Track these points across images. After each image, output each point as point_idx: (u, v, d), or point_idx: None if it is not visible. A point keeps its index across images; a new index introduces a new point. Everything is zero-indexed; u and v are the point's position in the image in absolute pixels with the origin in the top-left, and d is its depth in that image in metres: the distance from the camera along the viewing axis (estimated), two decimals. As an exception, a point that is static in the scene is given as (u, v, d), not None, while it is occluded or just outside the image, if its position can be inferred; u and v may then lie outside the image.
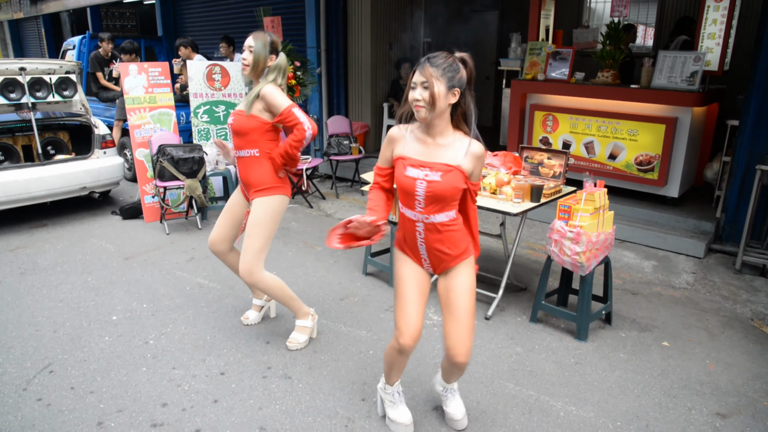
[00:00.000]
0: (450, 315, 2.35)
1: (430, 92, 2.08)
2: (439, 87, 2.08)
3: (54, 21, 15.59)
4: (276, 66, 3.09)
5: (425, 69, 2.09)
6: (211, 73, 5.98)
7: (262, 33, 3.08)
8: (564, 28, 7.09)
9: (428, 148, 2.22)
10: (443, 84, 2.08)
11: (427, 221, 2.26)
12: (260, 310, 3.69)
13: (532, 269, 4.58)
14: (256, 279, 3.14)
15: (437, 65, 2.09)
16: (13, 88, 5.67)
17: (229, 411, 2.78)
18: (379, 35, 7.83)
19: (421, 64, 2.12)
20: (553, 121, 5.92)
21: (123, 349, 3.35)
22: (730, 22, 5.22)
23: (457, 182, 2.17)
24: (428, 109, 2.11)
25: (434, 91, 2.08)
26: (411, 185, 2.20)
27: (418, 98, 2.10)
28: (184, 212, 5.83)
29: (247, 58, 3.05)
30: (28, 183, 5.37)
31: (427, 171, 2.18)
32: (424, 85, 2.10)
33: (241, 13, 9.30)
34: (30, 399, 2.87)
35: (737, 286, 4.32)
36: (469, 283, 2.35)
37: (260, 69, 3.07)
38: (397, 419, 2.62)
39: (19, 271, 4.51)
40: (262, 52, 3.03)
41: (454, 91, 2.12)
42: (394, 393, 2.64)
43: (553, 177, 4.05)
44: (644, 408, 2.84)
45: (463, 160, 2.18)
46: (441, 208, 2.23)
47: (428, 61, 2.10)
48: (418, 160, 2.21)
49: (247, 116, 3.04)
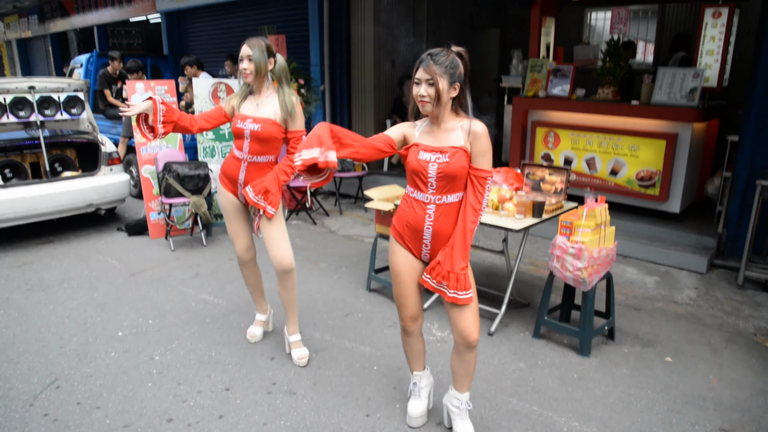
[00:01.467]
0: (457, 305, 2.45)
1: (435, 89, 2.25)
2: (442, 83, 2.25)
3: (61, 40, 15.81)
4: (281, 70, 3.16)
5: (429, 67, 2.25)
6: (217, 90, 6.06)
7: (255, 39, 3.13)
8: (564, 45, 7.19)
9: (436, 135, 2.39)
10: (446, 80, 2.26)
11: (439, 202, 2.38)
12: (263, 326, 3.72)
13: (535, 285, 4.60)
14: (293, 264, 3.24)
15: (440, 63, 2.24)
16: (23, 107, 5.75)
17: (234, 426, 2.80)
18: (382, 53, 7.93)
19: (425, 61, 2.27)
20: (554, 138, 5.98)
21: (129, 365, 3.37)
22: (729, 39, 5.30)
23: (463, 162, 2.32)
24: (433, 104, 2.29)
25: (439, 87, 2.25)
26: (424, 167, 2.36)
27: (423, 94, 2.28)
28: (189, 229, 5.88)
29: (248, 67, 3.11)
30: (36, 200, 5.43)
31: (438, 154, 2.34)
32: (428, 82, 2.26)
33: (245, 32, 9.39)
34: (37, 414, 2.90)
35: (740, 302, 4.33)
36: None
37: (263, 74, 3.14)
38: (408, 410, 2.80)
39: (26, 287, 4.55)
40: (261, 59, 3.09)
41: (455, 85, 2.30)
42: (412, 383, 2.81)
43: (555, 193, 4.09)
44: (647, 424, 2.85)
45: (465, 140, 2.33)
46: (451, 189, 2.36)
47: (431, 59, 2.26)
48: (429, 145, 2.38)
49: (278, 125, 3.13)
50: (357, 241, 5.81)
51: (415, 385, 2.81)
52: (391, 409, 2.94)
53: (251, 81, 3.15)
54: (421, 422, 2.79)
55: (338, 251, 5.46)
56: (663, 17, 8.93)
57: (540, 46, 6.57)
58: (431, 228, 2.41)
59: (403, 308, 2.62)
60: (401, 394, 3.07)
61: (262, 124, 3.12)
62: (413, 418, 2.78)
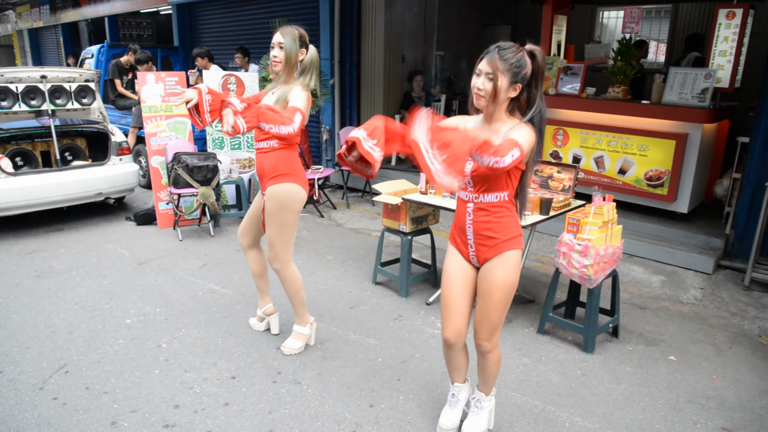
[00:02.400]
0: (480, 302, 2.41)
1: (493, 84, 2.12)
2: (502, 81, 2.11)
3: (72, 30, 15.89)
4: (310, 62, 3.06)
5: (493, 60, 2.10)
6: (227, 83, 6.09)
7: (290, 27, 3.03)
8: (576, 44, 7.17)
9: (483, 134, 2.17)
10: (507, 78, 2.11)
11: (477, 201, 2.30)
12: (262, 321, 3.70)
13: (540, 282, 4.61)
14: (280, 266, 3.20)
15: (506, 59, 2.10)
16: (34, 96, 5.80)
17: (240, 414, 2.84)
18: (392, 48, 7.93)
19: (491, 53, 2.12)
20: (563, 136, 5.97)
21: (136, 352, 3.41)
22: (742, 40, 5.26)
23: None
24: (488, 100, 2.16)
25: (497, 84, 2.11)
26: None
27: (480, 87, 2.14)
28: (197, 219, 5.92)
29: (279, 56, 3.01)
30: (46, 188, 5.48)
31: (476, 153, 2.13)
32: (488, 76, 2.12)
33: (256, 24, 9.44)
34: (46, 398, 2.94)
35: (745, 303, 4.32)
36: (503, 276, 2.32)
37: (293, 64, 3.04)
38: (440, 419, 2.70)
39: (36, 274, 4.60)
40: (293, 48, 3.00)
41: (516, 86, 2.15)
42: (450, 393, 2.71)
43: (563, 190, 4.09)
44: (649, 421, 2.86)
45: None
46: (489, 188, 2.26)
47: (497, 53, 2.11)
48: None
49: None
50: (364, 234, 5.84)
51: (453, 396, 2.69)
52: (395, 401, 2.96)
53: (280, 70, 3.06)
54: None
55: (345, 244, 5.49)
56: (676, 17, 8.89)
57: (551, 44, 6.55)
58: (472, 227, 2.33)
59: (446, 314, 2.45)
60: (405, 386, 3.09)
61: None
62: (442, 429, 2.66)
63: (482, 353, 2.48)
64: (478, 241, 2.35)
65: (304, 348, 3.46)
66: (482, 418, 2.64)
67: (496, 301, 2.36)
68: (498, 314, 2.38)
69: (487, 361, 2.50)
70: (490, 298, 2.36)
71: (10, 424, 2.73)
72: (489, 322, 2.39)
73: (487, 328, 2.41)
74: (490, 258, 2.35)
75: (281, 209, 3.11)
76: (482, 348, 2.46)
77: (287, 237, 3.18)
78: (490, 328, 2.41)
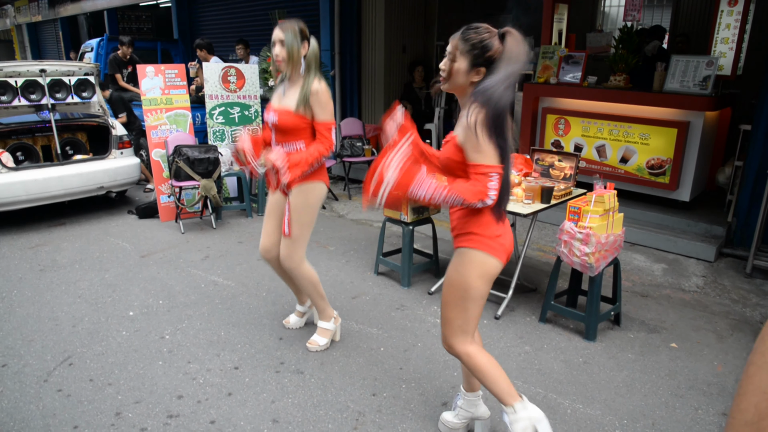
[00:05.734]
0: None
1: (449, 65, 2.04)
2: (461, 62, 2.00)
3: (71, 24, 15.84)
4: (313, 55, 3.00)
5: (454, 40, 2.02)
6: (227, 75, 6.08)
7: (289, 22, 2.97)
8: (577, 32, 7.13)
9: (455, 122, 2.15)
10: (466, 60, 1.99)
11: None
12: (302, 316, 3.66)
13: (542, 270, 4.61)
14: (294, 265, 3.15)
15: (467, 39, 1.99)
16: (34, 90, 5.80)
17: (243, 404, 2.85)
18: (393, 38, 7.90)
19: (456, 33, 2.04)
20: (565, 125, 5.96)
21: (140, 344, 3.43)
22: (744, 27, 5.24)
23: (450, 153, 2.08)
24: (444, 80, 2.07)
25: (453, 66, 2.02)
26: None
27: (442, 68, 2.05)
28: (199, 212, 5.93)
29: (281, 53, 2.94)
30: (48, 182, 5.49)
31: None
32: (450, 56, 2.04)
33: (256, 16, 9.42)
34: (50, 390, 2.96)
35: (747, 290, 4.32)
36: (453, 272, 2.18)
37: (296, 60, 2.97)
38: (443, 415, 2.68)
39: (39, 268, 4.62)
40: (294, 44, 2.93)
41: (479, 69, 1.99)
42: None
43: (564, 179, 4.09)
44: (651, 407, 2.87)
45: (461, 129, 2.03)
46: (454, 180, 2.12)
47: (461, 33, 2.02)
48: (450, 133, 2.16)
49: (296, 115, 2.97)
50: (365, 225, 5.84)
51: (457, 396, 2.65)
52: (397, 389, 2.97)
53: (283, 67, 3.00)
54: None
55: (347, 235, 5.49)
56: (678, 5, 8.83)
57: (552, 33, 6.52)
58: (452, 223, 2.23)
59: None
60: (407, 375, 3.10)
61: (280, 115, 2.98)
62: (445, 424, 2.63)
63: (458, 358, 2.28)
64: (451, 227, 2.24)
65: (329, 345, 3.41)
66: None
67: (446, 298, 2.21)
68: (451, 313, 2.20)
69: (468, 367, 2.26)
70: (443, 295, 2.24)
71: (15, 416, 2.75)
72: (443, 323, 2.24)
73: (443, 330, 2.25)
74: (455, 248, 2.22)
75: (308, 207, 3.10)
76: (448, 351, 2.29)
77: (307, 235, 3.17)
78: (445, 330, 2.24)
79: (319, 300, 3.34)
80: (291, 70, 3.01)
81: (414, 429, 2.68)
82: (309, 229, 3.16)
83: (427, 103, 8.10)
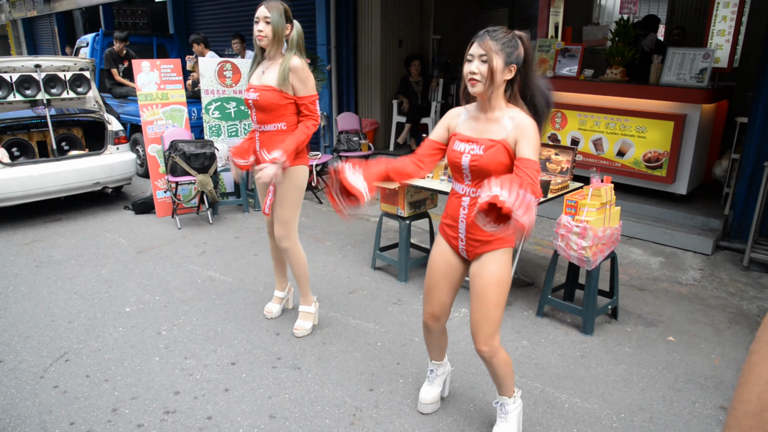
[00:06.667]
0: (475, 302, 2.31)
1: (488, 66, 2.06)
2: (497, 61, 2.05)
3: (67, 19, 15.75)
4: (297, 36, 3.04)
5: (485, 42, 2.06)
6: (222, 69, 6.05)
7: (274, 1, 3.00)
8: (574, 25, 7.10)
9: (479, 124, 2.21)
10: (501, 59, 2.06)
11: (474, 195, 2.22)
12: (281, 302, 3.74)
13: (539, 264, 4.61)
14: (289, 244, 3.27)
15: (497, 39, 2.06)
16: (29, 85, 5.76)
17: (240, 399, 2.85)
18: (389, 33, 7.87)
19: (480, 36, 2.08)
20: (561, 118, 5.94)
21: (136, 340, 3.42)
22: (740, 19, 5.23)
23: (500, 157, 2.12)
24: (485, 84, 2.08)
25: (493, 65, 2.05)
26: (457, 159, 2.21)
27: (475, 71, 2.07)
28: (195, 207, 5.91)
29: (264, 30, 2.96)
30: (43, 178, 5.46)
31: (474, 146, 2.17)
32: (482, 58, 2.06)
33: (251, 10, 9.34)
34: (47, 386, 2.95)
35: (744, 283, 4.33)
36: (498, 271, 2.25)
37: (279, 39, 3.01)
38: (420, 396, 2.77)
39: (35, 264, 4.60)
40: (280, 22, 2.96)
41: (511, 67, 2.09)
42: (429, 369, 2.77)
43: (561, 173, 4.08)
44: (648, 401, 2.87)
45: (509, 133, 2.12)
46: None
47: (488, 35, 2.07)
48: (467, 135, 2.22)
49: (278, 91, 3.00)
50: (362, 219, 5.83)
51: (432, 372, 2.74)
52: (395, 384, 2.97)
53: (266, 44, 3.03)
54: (431, 409, 2.74)
55: (343, 230, 5.48)
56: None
57: (549, 26, 6.49)
58: (465, 222, 2.26)
59: (427, 302, 2.48)
60: (404, 370, 3.10)
61: (260, 93, 3.02)
62: (423, 404, 2.73)
63: (485, 360, 2.36)
64: (470, 236, 2.28)
65: (312, 329, 3.51)
66: (511, 424, 2.50)
67: (494, 297, 2.26)
68: (497, 312, 2.28)
69: (494, 367, 2.37)
70: (487, 295, 2.26)
71: (11, 412, 2.75)
72: (487, 322, 2.27)
73: (485, 330, 2.28)
74: (480, 253, 2.28)
75: (296, 188, 3.21)
76: (483, 354, 2.33)
77: (297, 215, 3.30)
78: (489, 329, 2.28)
79: (305, 283, 3.45)
80: (273, 49, 3.06)
81: (411, 424, 2.68)
82: (298, 209, 3.30)
83: (423, 98, 8.09)
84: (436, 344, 2.65)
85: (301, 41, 3.08)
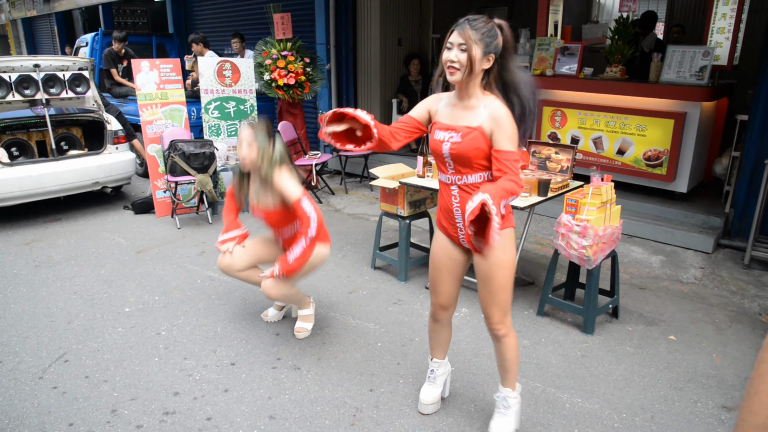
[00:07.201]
0: (482, 288, 2.35)
1: (467, 55, 2.08)
2: (476, 51, 2.07)
3: (66, 18, 15.73)
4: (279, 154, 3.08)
5: (465, 31, 2.08)
6: (222, 69, 6.04)
7: (256, 124, 3.09)
8: (573, 24, 7.08)
9: (456, 111, 2.24)
10: (480, 48, 2.08)
11: (460, 182, 2.26)
12: (281, 309, 3.71)
13: (540, 263, 4.60)
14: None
15: (477, 28, 2.07)
16: (28, 85, 5.75)
17: (240, 400, 2.84)
18: (388, 32, 7.85)
19: (460, 25, 2.10)
20: (561, 117, 5.93)
21: (136, 340, 3.41)
22: (740, 17, 5.21)
23: (478, 143, 2.15)
24: (463, 72, 2.11)
25: (472, 54, 2.07)
26: (438, 147, 2.24)
27: (454, 59, 2.10)
28: (195, 207, 5.90)
29: (248, 156, 3.06)
30: (43, 178, 5.46)
31: (452, 133, 2.20)
32: (461, 47, 2.08)
33: (251, 10, 9.34)
34: (46, 387, 2.94)
35: (745, 281, 4.32)
36: (501, 255, 2.27)
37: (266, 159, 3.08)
38: (420, 396, 2.75)
39: (34, 264, 4.59)
40: (265, 145, 3.05)
41: (489, 56, 2.11)
42: (429, 369, 2.75)
43: (561, 171, 4.06)
44: (650, 400, 2.86)
45: (484, 120, 2.15)
46: (470, 170, 2.22)
47: (468, 24, 2.09)
48: (446, 123, 2.25)
49: (276, 210, 3.14)
50: (362, 219, 5.82)
51: (432, 372, 2.74)
52: (395, 385, 2.96)
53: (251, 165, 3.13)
54: (432, 409, 2.73)
55: (343, 229, 5.47)
56: (674, -5, 8.80)
57: (548, 25, 6.48)
58: (460, 209, 2.30)
59: (434, 294, 2.54)
60: (405, 370, 3.09)
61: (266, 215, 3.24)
62: (424, 404, 2.72)
63: (498, 338, 2.41)
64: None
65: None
66: (510, 419, 2.52)
67: (502, 281, 2.31)
68: (506, 294, 2.34)
69: (505, 346, 2.42)
70: (494, 279, 2.30)
71: (10, 413, 2.74)
72: (498, 305, 2.35)
73: (497, 311, 2.36)
74: None
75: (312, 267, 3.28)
76: (497, 332, 2.39)
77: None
78: (501, 310, 2.36)
79: (301, 300, 3.48)
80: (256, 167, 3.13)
81: (411, 424, 2.67)
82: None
83: (423, 96, 8.06)
84: (440, 338, 2.67)
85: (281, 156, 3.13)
